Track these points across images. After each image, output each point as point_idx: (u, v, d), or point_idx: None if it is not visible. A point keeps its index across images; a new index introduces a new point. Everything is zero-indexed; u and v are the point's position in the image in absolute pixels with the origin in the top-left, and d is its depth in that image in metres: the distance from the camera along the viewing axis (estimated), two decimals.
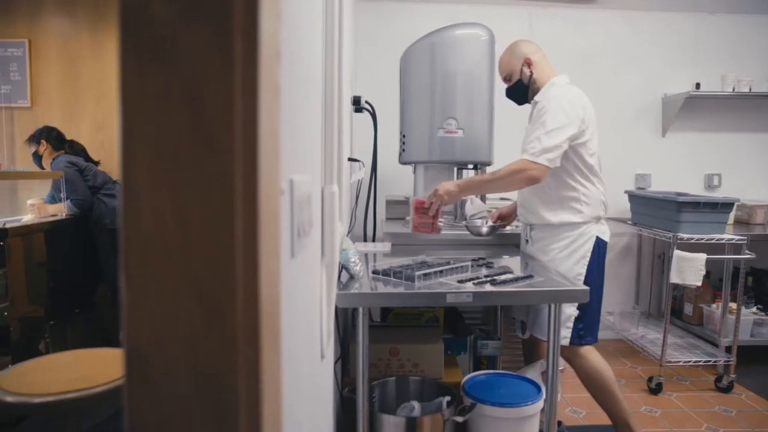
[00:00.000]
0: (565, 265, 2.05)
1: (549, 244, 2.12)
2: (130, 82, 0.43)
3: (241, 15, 0.42)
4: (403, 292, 1.50)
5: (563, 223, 2.09)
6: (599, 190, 2.13)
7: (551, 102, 2.05)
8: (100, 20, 3.73)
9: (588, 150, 2.08)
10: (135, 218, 0.43)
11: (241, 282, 0.43)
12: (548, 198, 2.13)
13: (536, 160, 1.97)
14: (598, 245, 2.09)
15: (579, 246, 2.07)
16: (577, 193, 2.09)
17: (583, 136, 2.04)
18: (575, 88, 2.14)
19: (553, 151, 1.96)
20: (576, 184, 2.09)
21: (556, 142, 1.96)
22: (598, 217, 2.12)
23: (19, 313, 2.65)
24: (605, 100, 3.69)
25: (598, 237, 2.10)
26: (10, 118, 3.78)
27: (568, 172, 2.08)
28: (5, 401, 1.21)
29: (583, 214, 2.08)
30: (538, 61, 2.23)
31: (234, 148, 0.42)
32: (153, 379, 0.44)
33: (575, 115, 2.00)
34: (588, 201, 2.09)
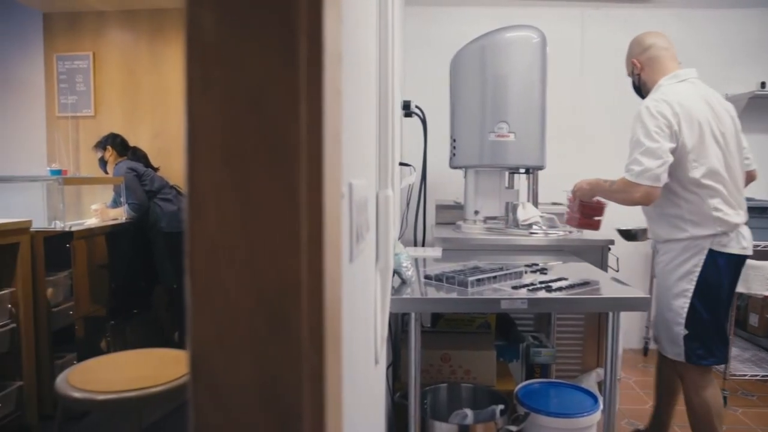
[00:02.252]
0: (668, 280, 1.97)
1: (659, 257, 2.06)
2: (195, 87, 0.43)
3: (304, 17, 0.42)
4: (456, 298, 1.48)
5: (669, 239, 2.00)
6: (710, 205, 1.90)
7: (642, 113, 1.93)
8: (158, 32, 3.86)
9: (690, 162, 1.90)
10: (200, 223, 0.43)
11: (305, 287, 0.43)
12: (653, 213, 2.06)
13: (638, 181, 1.88)
14: (715, 259, 1.91)
15: (684, 260, 1.94)
16: (680, 210, 1.95)
17: (683, 148, 1.89)
18: (679, 91, 1.97)
19: (655, 170, 1.86)
20: (678, 199, 1.95)
21: (655, 159, 1.86)
22: (710, 236, 1.91)
23: (82, 312, 2.76)
24: None
25: (714, 250, 1.91)
26: (76, 127, 3.96)
27: (666, 186, 1.93)
28: (72, 396, 1.26)
29: (687, 232, 1.93)
30: (646, 62, 2.11)
31: (299, 152, 0.42)
32: (217, 385, 0.44)
33: (665, 125, 1.88)
34: (694, 218, 1.92)
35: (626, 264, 3.29)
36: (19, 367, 2.40)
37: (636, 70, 2.15)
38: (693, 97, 1.94)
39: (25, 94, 4.04)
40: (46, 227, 2.68)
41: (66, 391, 1.29)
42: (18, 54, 4.02)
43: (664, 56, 2.08)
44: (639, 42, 2.16)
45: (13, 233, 2.39)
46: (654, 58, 2.09)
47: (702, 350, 1.92)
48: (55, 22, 3.94)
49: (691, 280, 1.92)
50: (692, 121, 1.90)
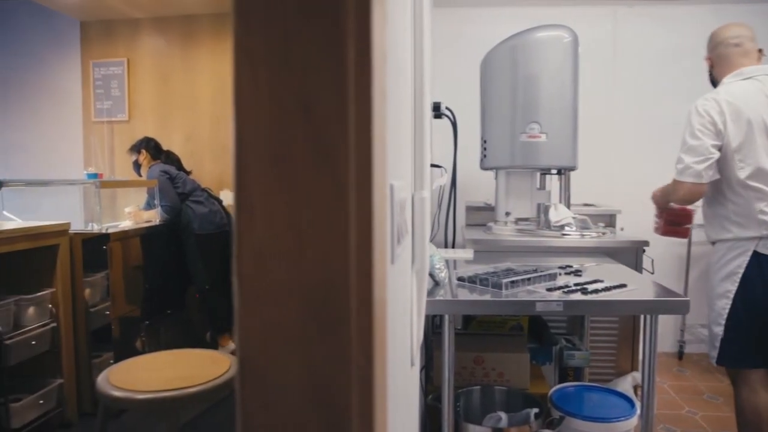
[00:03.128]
0: (713, 280, 1.96)
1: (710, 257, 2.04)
2: (244, 89, 0.43)
3: (352, 19, 0.42)
4: (490, 300, 1.46)
5: (717, 239, 1.99)
6: (756, 207, 1.86)
7: (691, 112, 1.96)
8: (189, 38, 3.93)
9: (736, 162, 1.87)
10: (248, 225, 0.44)
11: (354, 290, 0.43)
12: (707, 212, 2.05)
13: (680, 179, 1.91)
14: (759, 261, 1.86)
15: (729, 261, 1.91)
16: (725, 210, 1.93)
17: (728, 147, 1.88)
18: (733, 90, 1.94)
19: (695, 167, 1.87)
20: (724, 200, 1.93)
21: (696, 156, 1.88)
22: (755, 238, 1.87)
23: (118, 312, 2.82)
24: None
25: (759, 252, 1.86)
26: (111, 131, 4.05)
27: (715, 185, 1.93)
28: (113, 395, 1.29)
29: (732, 233, 1.91)
30: (716, 59, 2.09)
31: (348, 154, 0.42)
32: (265, 388, 0.44)
33: (709, 122, 1.88)
34: (739, 219, 1.89)
35: (661, 266, 3.22)
36: (59, 366, 2.47)
37: (708, 67, 2.13)
38: (749, 95, 1.90)
39: (63, 100, 4.15)
40: (83, 229, 2.75)
41: (107, 390, 1.32)
42: (56, 61, 4.14)
43: (732, 53, 2.03)
44: (712, 37, 2.13)
45: (53, 235, 2.46)
46: (722, 55, 2.06)
47: (736, 353, 1.88)
48: (92, 30, 4.05)
49: (734, 281, 1.89)
50: (740, 119, 1.86)
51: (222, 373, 1.37)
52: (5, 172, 4.18)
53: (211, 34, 3.90)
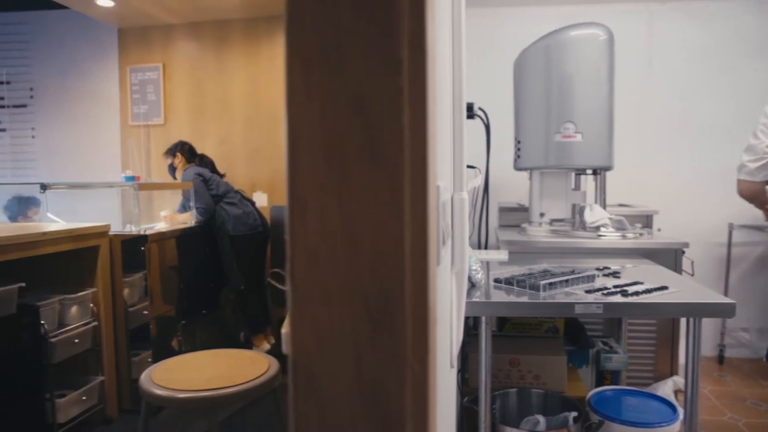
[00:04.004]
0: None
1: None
2: (296, 90, 0.44)
3: (407, 18, 0.42)
4: (528, 302, 1.45)
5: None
6: None
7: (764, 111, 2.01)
8: (223, 42, 3.99)
9: None
10: (301, 226, 0.44)
11: (410, 292, 0.42)
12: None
13: (738, 176, 2.01)
14: None
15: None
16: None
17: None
18: None
19: (749, 165, 1.95)
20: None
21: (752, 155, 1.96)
22: None
23: (156, 312, 2.88)
24: (737, 97, 3.39)
25: None
26: (147, 135, 4.14)
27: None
28: (155, 394, 1.32)
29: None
30: None
31: (402, 154, 0.42)
32: (318, 389, 0.44)
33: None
34: None
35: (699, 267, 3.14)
36: (100, 363, 2.53)
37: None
38: None
39: (102, 104, 4.26)
40: (121, 231, 2.81)
41: (149, 388, 1.35)
42: (95, 68, 4.25)
43: None
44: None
45: (94, 237, 2.52)
46: None
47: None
48: (129, 37, 4.14)
49: None
50: None
51: (261, 374, 1.39)
52: (48, 175, 4.31)
53: (243, 39, 3.95)
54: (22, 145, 4.43)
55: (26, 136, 4.41)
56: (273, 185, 3.92)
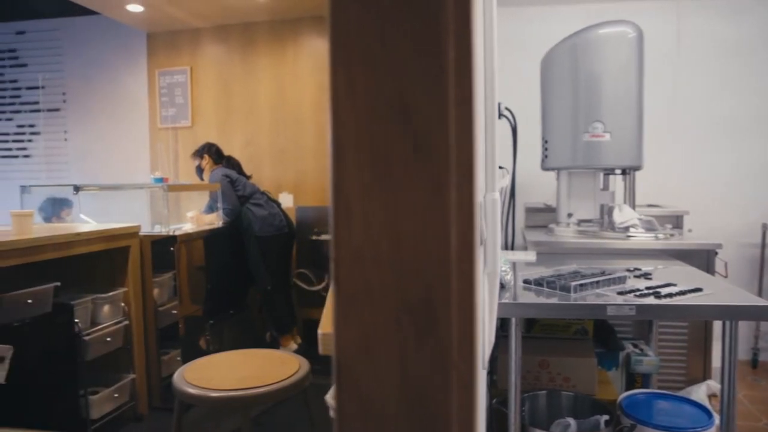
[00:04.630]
0: None
1: None
2: (341, 92, 0.44)
3: (452, 18, 0.42)
4: (558, 303, 1.43)
5: None
6: None
7: None
8: (249, 45, 4.03)
9: None
10: (346, 228, 0.44)
11: (455, 294, 0.42)
12: None
13: None
14: None
15: None
16: None
17: None
18: None
19: None
20: None
21: None
22: None
23: (185, 311, 2.92)
24: None
25: None
26: (175, 137, 4.21)
27: None
28: (188, 393, 1.34)
29: None
30: None
31: (448, 156, 0.42)
32: (362, 391, 0.44)
33: None
34: None
35: (734, 269, 3.07)
36: (131, 361, 2.58)
37: None
38: None
39: (131, 107, 4.34)
40: (150, 231, 2.86)
41: (182, 386, 1.37)
42: (125, 71, 4.33)
43: None
44: None
45: (125, 237, 2.57)
46: None
47: None
48: (157, 41, 4.22)
49: None
50: None
51: (292, 374, 1.40)
52: (79, 176, 4.41)
53: (269, 41, 3.99)
54: (56, 147, 4.54)
55: (59, 139, 4.52)
56: (298, 186, 3.95)
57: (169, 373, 2.79)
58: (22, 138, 4.60)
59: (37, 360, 2.04)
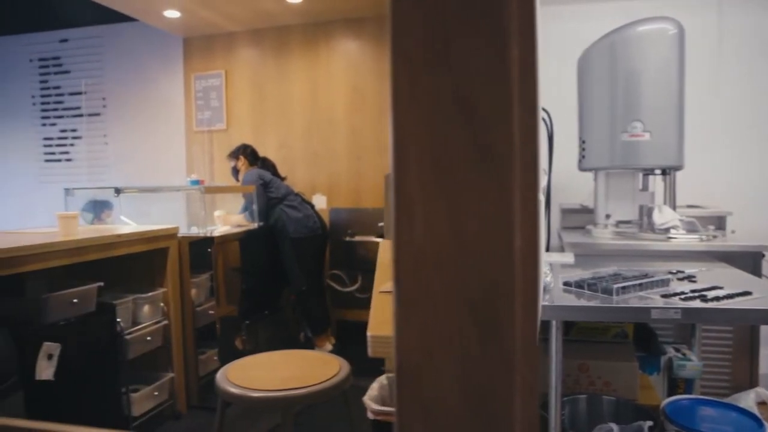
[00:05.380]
0: None
1: None
2: (402, 92, 0.43)
3: (516, 17, 0.41)
4: (601, 306, 1.40)
5: None
6: None
7: None
8: (283, 48, 4.08)
9: None
10: (407, 229, 0.44)
11: (520, 297, 0.42)
12: None
13: None
14: None
15: None
16: None
17: None
18: None
19: None
20: None
21: None
22: None
23: (222, 312, 2.97)
24: None
25: None
26: (210, 140, 4.28)
27: None
28: (230, 392, 1.36)
29: None
30: None
31: (512, 156, 0.41)
32: (424, 395, 0.44)
33: None
34: None
35: None
36: (170, 361, 2.63)
37: None
38: None
39: (168, 111, 4.44)
40: (187, 233, 2.91)
41: (225, 386, 1.39)
42: (162, 76, 4.43)
43: None
44: None
45: (164, 238, 2.62)
46: None
47: None
48: (193, 45, 4.30)
49: None
50: None
51: (332, 375, 1.40)
52: (119, 179, 4.52)
53: (302, 44, 4.03)
54: (96, 151, 4.66)
55: (99, 143, 4.64)
56: (331, 188, 3.98)
57: (206, 372, 2.84)
58: (64, 142, 4.75)
59: (82, 358, 2.10)
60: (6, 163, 4.86)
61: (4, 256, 1.73)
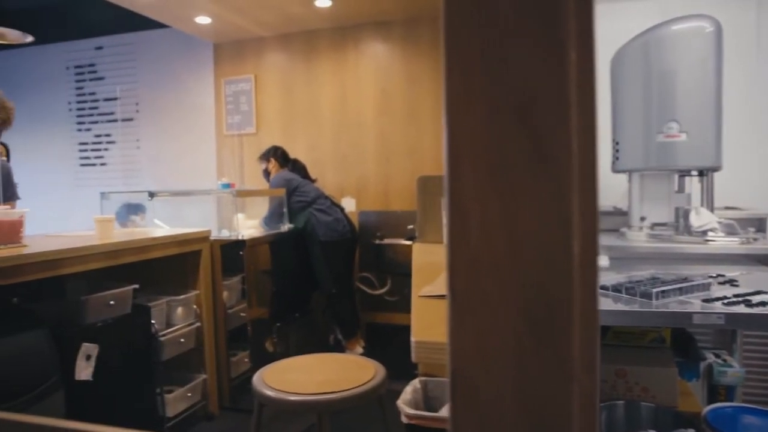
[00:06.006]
0: None
1: None
2: (457, 96, 0.43)
3: (573, 18, 0.40)
4: (640, 311, 1.37)
5: None
6: None
7: None
8: (311, 52, 4.11)
9: None
10: (462, 235, 0.43)
11: (578, 303, 0.41)
12: None
13: None
14: None
15: None
16: None
17: None
18: None
19: None
20: None
21: None
22: None
23: (253, 314, 2.99)
24: None
25: None
26: (240, 144, 4.33)
27: None
28: (267, 395, 1.37)
29: None
30: None
31: (570, 160, 0.40)
32: (479, 402, 0.43)
33: None
34: None
35: None
36: (202, 362, 2.66)
37: None
38: None
39: (198, 116, 4.51)
40: (218, 236, 2.94)
41: (261, 389, 1.40)
42: (193, 81, 4.50)
43: None
44: None
45: (197, 241, 2.66)
46: None
47: None
48: (223, 50, 4.36)
49: None
50: None
51: (369, 379, 1.40)
52: (151, 182, 4.61)
53: (331, 47, 4.05)
54: (130, 155, 4.76)
55: (132, 147, 4.74)
56: (360, 190, 3.98)
57: (238, 374, 2.86)
58: (99, 147, 4.86)
59: (118, 359, 2.14)
60: (44, 168, 4.99)
61: (48, 259, 1.78)
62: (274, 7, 3.59)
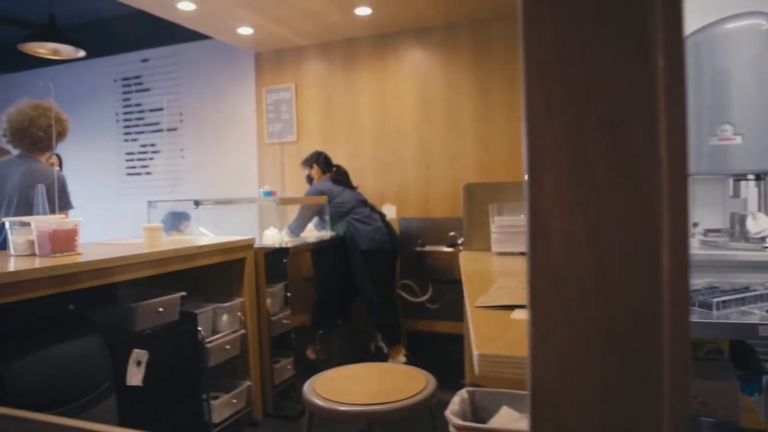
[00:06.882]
0: None
1: None
2: (537, 108, 0.42)
3: (661, 24, 0.39)
4: (699, 321, 1.32)
5: None
6: None
7: None
8: (351, 60, 4.13)
9: None
10: (543, 248, 0.42)
11: (667, 323, 0.39)
12: None
13: None
14: None
15: None
16: None
17: None
18: None
19: None
20: None
21: None
22: None
23: (297, 321, 3.01)
24: None
25: None
26: (281, 152, 4.38)
27: None
28: (317, 404, 1.37)
29: None
30: None
31: (659, 170, 0.38)
32: (561, 419, 0.42)
33: None
34: None
35: None
36: (247, 369, 2.69)
37: None
38: None
39: (240, 125, 4.58)
40: (261, 244, 2.97)
41: (311, 398, 1.40)
42: (234, 91, 4.59)
43: None
44: None
45: (241, 249, 2.69)
46: None
47: None
48: (264, 60, 4.43)
49: None
50: None
51: (420, 390, 1.39)
52: (195, 191, 4.71)
53: (370, 55, 4.07)
54: (173, 164, 4.88)
55: (176, 157, 4.85)
56: (400, 197, 3.98)
57: (281, 380, 2.88)
58: (144, 156, 5.00)
59: (166, 365, 2.18)
60: (93, 177, 5.16)
61: (101, 267, 1.83)
62: (315, 17, 3.63)
